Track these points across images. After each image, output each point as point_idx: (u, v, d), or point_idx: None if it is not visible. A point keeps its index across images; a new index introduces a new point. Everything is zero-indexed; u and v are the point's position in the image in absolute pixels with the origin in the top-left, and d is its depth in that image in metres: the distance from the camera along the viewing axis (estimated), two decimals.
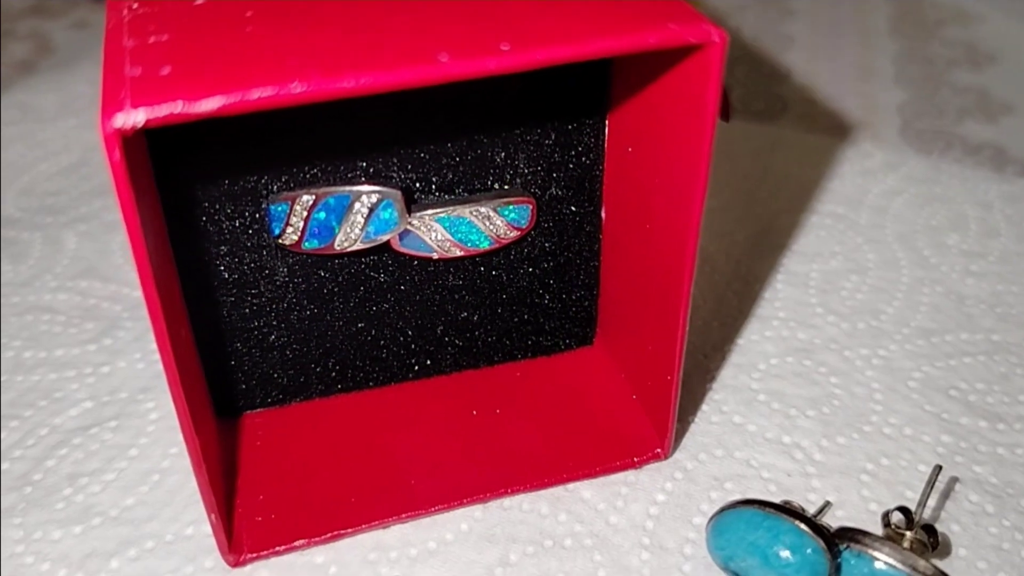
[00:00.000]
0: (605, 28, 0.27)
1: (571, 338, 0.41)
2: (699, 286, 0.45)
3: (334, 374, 0.38)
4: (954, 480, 0.37)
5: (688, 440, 0.38)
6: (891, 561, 0.31)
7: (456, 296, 0.38)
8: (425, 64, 0.25)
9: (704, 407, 0.40)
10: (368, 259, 0.36)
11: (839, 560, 0.32)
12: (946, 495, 0.36)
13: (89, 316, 0.44)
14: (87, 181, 0.53)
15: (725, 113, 0.45)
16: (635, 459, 0.37)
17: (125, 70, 0.25)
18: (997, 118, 0.58)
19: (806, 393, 0.40)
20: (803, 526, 0.31)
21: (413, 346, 0.39)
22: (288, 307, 0.36)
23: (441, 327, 0.39)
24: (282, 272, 0.36)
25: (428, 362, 0.39)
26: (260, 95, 0.24)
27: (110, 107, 0.24)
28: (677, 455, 0.38)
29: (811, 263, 0.47)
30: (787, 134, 0.55)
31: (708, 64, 0.28)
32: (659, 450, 0.37)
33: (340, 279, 0.36)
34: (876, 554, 0.31)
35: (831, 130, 0.57)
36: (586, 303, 0.40)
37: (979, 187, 0.51)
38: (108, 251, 0.48)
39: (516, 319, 0.39)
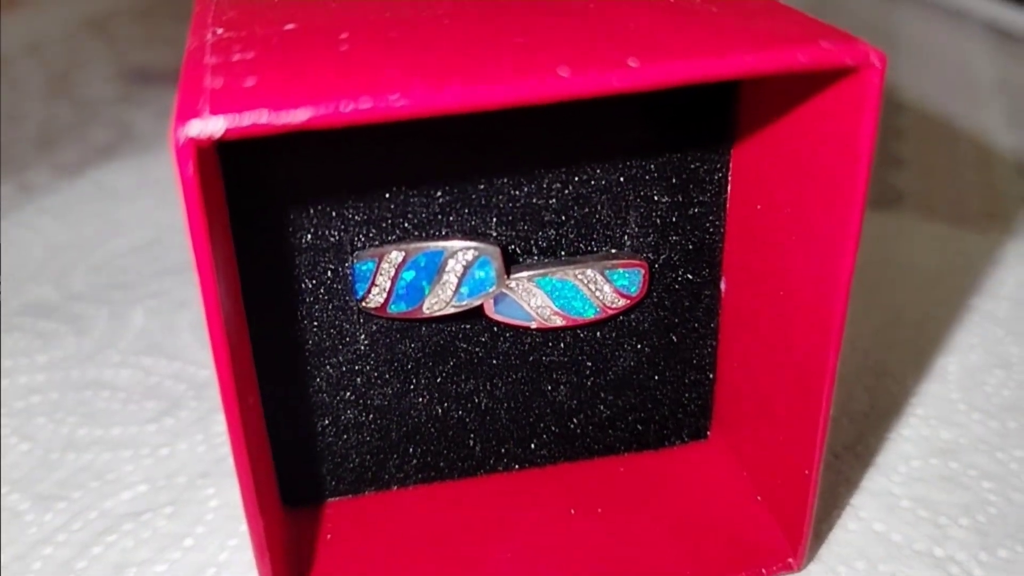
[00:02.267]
0: (744, 45, 0.23)
1: (684, 429, 0.36)
2: None
3: (415, 461, 0.34)
4: None
5: (823, 551, 0.33)
6: None
7: (554, 375, 0.34)
8: (544, 77, 0.22)
9: (839, 513, 0.34)
10: (458, 327, 0.32)
11: None
12: None
13: (151, 394, 0.40)
14: (160, 260, 0.51)
15: None
16: (764, 571, 0.32)
17: (205, 82, 0.22)
18: None
19: (956, 499, 0.34)
20: None
21: (504, 432, 0.34)
22: (368, 381, 0.32)
23: (536, 411, 0.34)
24: (363, 340, 0.32)
25: (521, 452, 0.35)
26: (356, 107, 0.21)
27: (185, 115, 0.21)
28: (812, 567, 0.32)
29: (948, 356, 0.41)
30: (906, 223, 0.51)
31: (864, 92, 0.24)
32: (791, 560, 0.32)
33: (427, 350, 0.32)
34: None
35: (953, 220, 0.52)
36: (701, 389, 0.35)
37: None
38: (176, 328, 0.45)
39: (621, 405, 0.35)
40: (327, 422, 0.33)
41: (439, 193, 0.30)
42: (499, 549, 0.32)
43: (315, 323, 0.31)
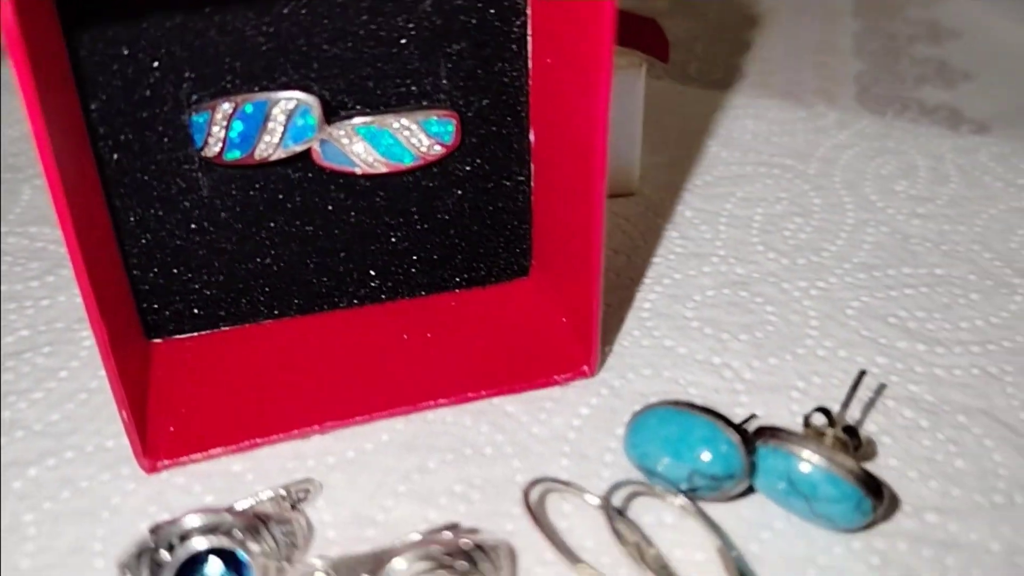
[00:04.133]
0: None
1: (506, 269, 0.41)
2: (640, 228, 0.45)
3: (264, 298, 0.38)
4: (888, 397, 0.36)
5: (616, 360, 0.38)
6: (809, 455, 0.30)
7: (386, 219, 0.38)
8: None
9: (636, 332, 0.39)
10: (294, 175, 0.37)
11: (755, 457, 0.31)
12: (880, 411, 0.36)
13: (35, 257, 0.44)
14: None
15: (664, 53, 0.45)
16: (561, 376, 0.37)
17: None
18: (955, 84, 0.58)
19: (740, 320, 0.40)
20: (717, 421, 0.31)
21: (343, 271, 0.39)
22: (214, 225, 0.37)
23: (372, 252, 0.39)
24: (206, 187, 0.36)
25: (360, 290, 0.39)
26: None
27: None
28: (604, 374, 0.37)
29: (755, 207, 0.47)
30: (742, 99, 0.56)
31: None
32: (585, 368, 0.37)
33: (266, 196, 0.37)
34: (794, 448, 0.30)
35: (787, 95, 0.57)
36: (519, 232, 0.40)
37: (932, 142, 0.51)
38: None
39: (449, 246, 0.39)
40: (181, 263, 0.37)
41: (264, 49, 0.34)
42: (335, 366, 0.37)
43: (161, 172, 0.35)
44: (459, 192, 0.38)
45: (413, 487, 0.33)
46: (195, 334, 0.38)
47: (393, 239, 0.39)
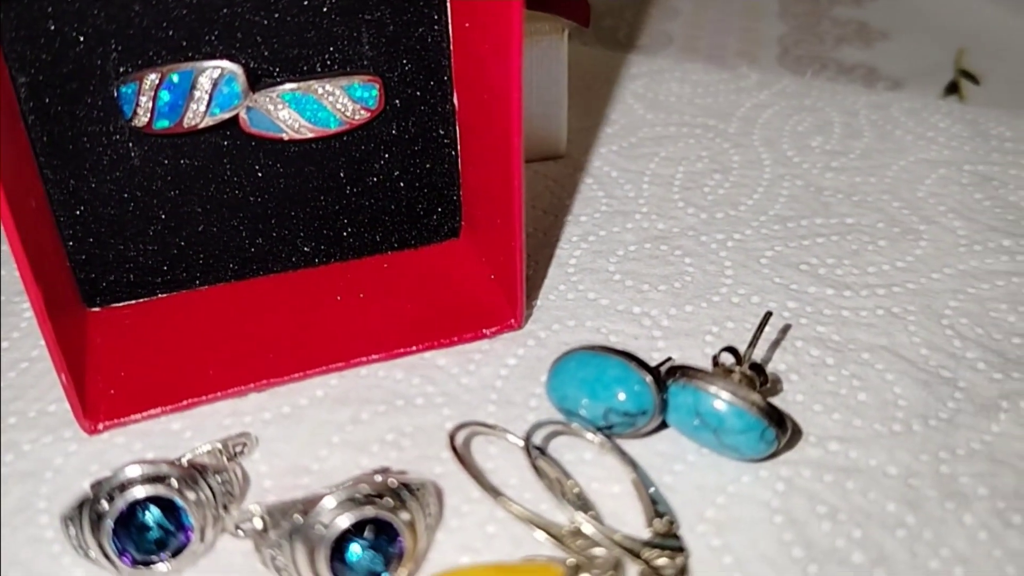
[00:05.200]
0: None
1: (437, 231, 0.42)
2: (568, 189, 0.47)
3: (199, 265, 0.40)
4: (797, 338, 0.38)
5: (543, 313, 0.40)
6: (716, 391, 0.32)
7: (315, 184, 0.39)
8: None
9: (562, 287, 0.41)
10: (223, 143, 0.38)
11: (666, 395, 0.33)
12: (789, 351, 0.38)
13: None
14: None
15: (584, 17, 0.46)
16: (489, 330, 0.38)
17: None
18: (873, 43, 0.60)
19: (659, 272, 0.42)
20: (629, 361, 0.33)
21: (275, 236, 0.40)
22: (147, 194, 0.38)
23: (303, 218, 0.40)
24: (136, 157, 0.37)
25: (293, 255, 0.41)
26: None
27: None
28: (531, 326, 0.39)
29: (677, 166, 0.48)
30: (668, 63, 0.57)
31: None
32: (512, 321, 0.38)
33: (197, 164, 0.38)
34: (703, 384, 0.32)
35: (711, 59, 0.59)
36: (448, 194, 0.41)
37: (847, 99, 0.53)
38: None
39: (380, 209, 0.41)
40: (115, 233, 0.38)
41: (188, 20, 0.35)
42: (271, 328, 0.38)
43: (92, 143, 0.36)
44: (386, 156, 0.40)
45: (346, 437, 0.35)
46: (132, 302, 0.40)
47: (324, 204, 0.40)
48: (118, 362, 0.37)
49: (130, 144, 0.37)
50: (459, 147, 0.40)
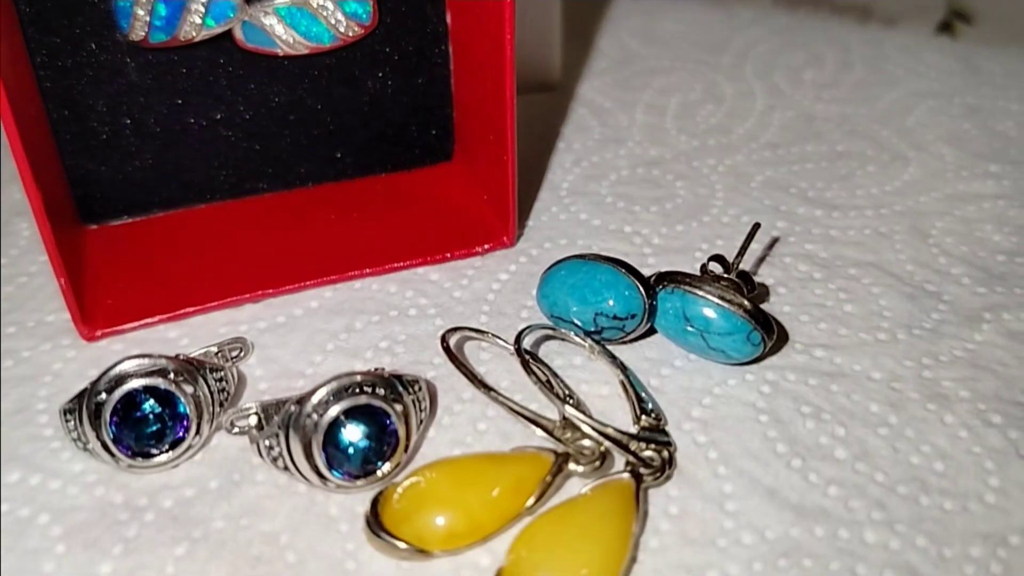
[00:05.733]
0: None
1: (430, 153, 0.43)
2: (559, 117, 0.47)
3: (195, 183, 0.40)
4: (785, 255, 0.39)
5: (535, 233, 0.40)
6: (704, 294, 0.33)
7: (309, 102, 0.40)
8: None
9: (554, 209, 0.42)
10: (218, 59, 0.38)
11: (655, 301, 0.33)
12: (777, 266, 0.38)
13: None
14: None
15: None
16: (481, 247, 0.39)
17: None
18: None
19: (651, 194, 0.42)
20: (619, 268, 0.33)
21: (270, 155, 0.40)
22: (142, 108, 0.38)
23: (297, 137, 0.40)
24: (133, 71, 0.37)
25: (287, 174, 0.41)
26: None
27: None
28: (523, 244, 0.40)
29: (670, 97, 0.49)
30: (664, 2, 0.58)
31: None
32: (504, 238, 0.39)
33: (192, 80, 0.38)
34: (691, 289, 0.33)
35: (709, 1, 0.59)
36: (441, 116, 0.42)
37: (840, 35, 0.54)
38: None
39: (373, 130, 0.41)
40: (111, 150, 0.38)
41: None
42: (266, 243, 0.39)
43: (89, 59, 0.36)
44: (379, 75, 0.40)
45: (340, 344, 0.35)
46: (128, 219, 0.40)
47: (317, 123, 0.40)
48: (115, 275, 0.37)
49: (127, 59, 0.37)
50: (452, 67, 0.41)
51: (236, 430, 0.31)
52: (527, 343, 0.34)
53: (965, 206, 0.41)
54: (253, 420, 0.31)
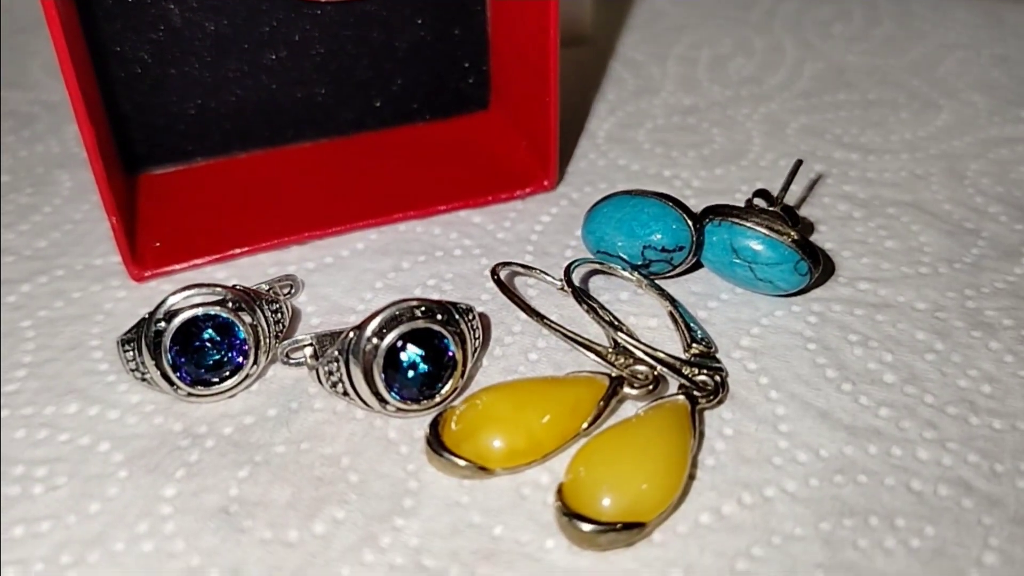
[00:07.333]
0: None
1: (467, 101, 0.43)
2: (592, 70, 0.48)
3: (238, 131, 0.40)
4: (824, 195, 0.39)
5: (575, 178, 0.41)
6: (751, 225, 0.33)
7: (350, 50, 0.40)
8: None
9: (591, 156, 0.42)
10: (261, 5, 0.38)
11: (702, 235, 0.34)
12: (817, 206, 0.39)
13: (9, 117, 0.46)
14: (16, 22, 0.55)
15: None
16: (522, 191, 0.39)
17: None
18: None
19: (688, 140, 0.42)
20: (666, 201, 0.34)
21: (311, 101, 0.41)
22: (185, 55, 0.38)
23: (338, 85, 0.41)
24: (178, 17, 0.38)
25: (328, 122, 0.41)
26: None
27: None
28: (563, 188, 0.40)
29: (701, 50, 0.49)
30: None
31: None
32: (545, 182, 0.39)
33: (236, 26, 0.38)
34: (738, 221, 0.33)
35: None
36: (478, 65, 0.42)
37: None
38: (28, 69, 0.50)
39: (412, 79, 0.41)
40: (156, 96, 0.39)
41: None
42: (310, 188, 0.39)
43: (135, 5, 0.37)
44: (418, 21, 0.40)
45: (389, 283, 0.35)
46: (172, 168, 0.40)
47: (358, 71, 0.41)
48: (162, 219, 0.38)
49: (172, 5, 0.37)
50: (488, 14, 0.41)
51: (292, 361, 0.31)
52: (574, 278, 0.34)
53: (999, 149, 0.42)
54: (309, 351, 0.31)
